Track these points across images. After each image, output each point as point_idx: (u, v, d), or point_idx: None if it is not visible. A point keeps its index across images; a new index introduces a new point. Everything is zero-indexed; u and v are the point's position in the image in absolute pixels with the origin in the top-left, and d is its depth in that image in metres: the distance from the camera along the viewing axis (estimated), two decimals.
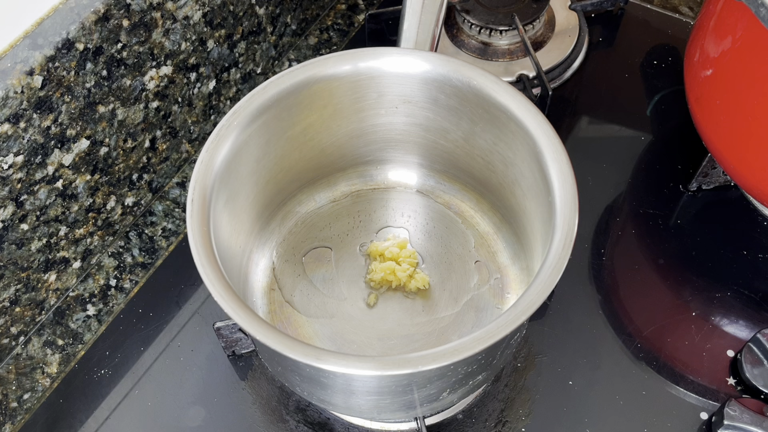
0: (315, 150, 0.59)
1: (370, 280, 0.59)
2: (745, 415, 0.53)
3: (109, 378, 0.59)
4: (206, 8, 0.62)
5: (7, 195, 0.53)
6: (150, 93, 0.61)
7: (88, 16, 0.53)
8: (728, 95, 0.56)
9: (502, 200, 0.59)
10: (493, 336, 0.42)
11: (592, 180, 0.68)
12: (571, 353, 0.59)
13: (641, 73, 0.75)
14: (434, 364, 0.41)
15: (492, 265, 0.60)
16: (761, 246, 0.64)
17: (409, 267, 0.59)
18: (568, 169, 0.48)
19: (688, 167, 0.68)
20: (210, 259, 0.46)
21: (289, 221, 0.62)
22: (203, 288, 0.63)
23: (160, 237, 0.67)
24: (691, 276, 0.63)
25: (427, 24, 0.56)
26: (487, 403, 0.57)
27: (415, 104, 0.57)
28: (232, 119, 0.51)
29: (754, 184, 0.58)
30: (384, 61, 0.54)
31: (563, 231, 0.46)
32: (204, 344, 0.60)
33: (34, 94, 0.52)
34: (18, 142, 0.52)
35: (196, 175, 0.49)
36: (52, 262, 0.60)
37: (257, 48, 0.72)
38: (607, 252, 0.64)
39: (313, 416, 0.57)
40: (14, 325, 0.60)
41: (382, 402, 0.49)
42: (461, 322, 0.58)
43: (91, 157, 0.59)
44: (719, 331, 0.60)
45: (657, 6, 0.80)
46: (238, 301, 0.44)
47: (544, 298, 0.43)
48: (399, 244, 0.60)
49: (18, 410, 0.58)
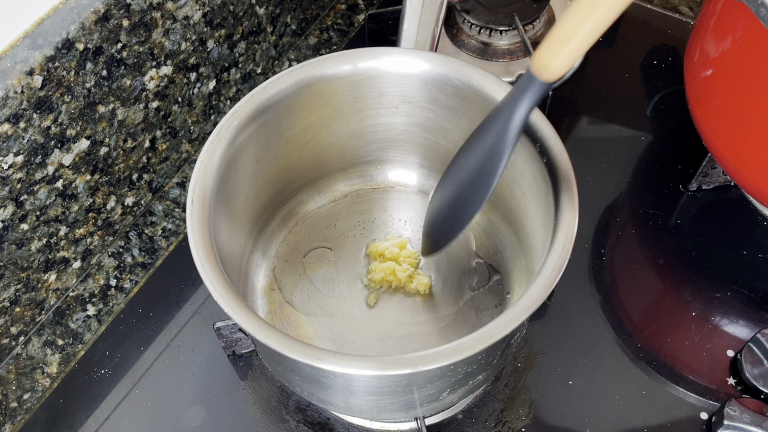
0: (315, 150, 0.59)
1: (371, 281, 0.59)
2: (745, 415, 0.53)
3: (109, 378, 0.59)
4: (206, 8, 0.62)
5: (7, 195, 0.53)
6: (150, 93, 0.61)
7: (88, 16, 0.53)
8: (728, 95, 0.56)
9: (502, 200, 0.59)
10: (493, 336, 0.42)
11: (592, 180, 0.68)
12: (571, 353, 0.59)
13: (641, 73, 0.75)
14: (434, 364, 0.41)
15: (492, 265, 0.60)
16: (761, 246, 0.64)
17: (410, 267, 0.59)
18: (568, 169, 0.48)
19: (688, 167, 0.68)
20: (210, 259, 0.46)
21: (289, 221, 0.62)
22: (203, 288, 0.63)
23: (160, 237, 0.67)
24: (691, 276, 0.63)
25: (427, 24, 0.56)
26: (487, 403, 0.57)
27: (415, 104, 0.57)
28: (232, 119, 0.51)
29: (754, 184, 0.58)
30: (384, 61, 0.54)
31: (563, 231, 0.46)
32: (204, 344, 0.60)
33: (34, 94, 0.52)
34: (18, 142, 0.52)
35: (196, 175, 0.49)
36: (52, 262, 0.60)
37: (257, 48, 0.72)
38: (607, 252, 0.64)
39: (313, 416, 0.57)
40: (14, 325, 0.60)
41: (382, 402, 0.49)
42: (461, 322, 0.58)
43: (91, 157, 0.59)
44: (719, 331, 0.60)
45: (657, 6, 0.80)
46: (238, 301, 0.44)
47: (544, 298, 0.43)
48: (399, 244, 0.60)
49: (18, 410, 0.58)
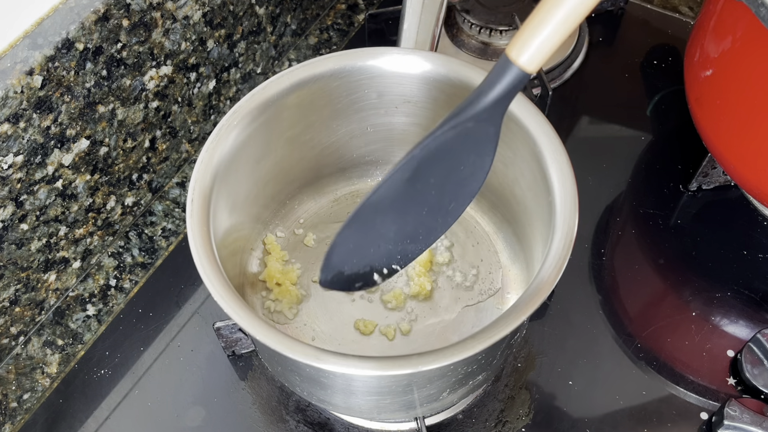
0: (315, 150, 0.59)
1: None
2: (745, 415, 0.53)
3: (109, 378, 0.59)
4: (206, 8, 0.62)
5: (7, 195, 0.53)
6: (150, 93, 0.61)
7: (88, 16, 0.53)
8: (728, 95, 0.56)
9: (502, 200, 0.59)
10: (493, 336, 0.42)
11: (592, 180, 0.68)
12: (571, 353, 0.59)
13: (641, 73, 0.75)
14: (434, 364, 0.41)
15: (492, 265, 0.60)
16: (761, 246, 0.64)
17: (422, 268, 0.59)
18: (568, 169, 0.48)
19: (688, 167, 0.68)
20: (210, 259, 0.46)
21: (289, 221, 0.62)
22: (203, 288, 0.63)
23: (160, 237, 0.66)
24: (691, 276, 0.63)
25: (427, 24, 0.56)
26: (487, 403, 0.57)
27: (415, 104, 0.57)
28: (232, 119, 0.51)
29: (754, 184, 0.58)
30: (384, 61, 0.54)
31: (563, 231, 0.46)
32: (204, 344, 0.60)
33: (34, 94, 0.52)
34: (18, 142, 0.52)
35: (196, 175, 0.49)
36: (52, 262, 0.60)
37: (257, 48, 0.72)
38: (607, 252, 0.64)
39: (313, 416, 0.57)
40: (14, 325, 0.60)
41: (382, 402, 0.49)
42: (461, 322, 0.58)
43: (91, 157, 0.59)
44: (719, 331, 0.60)
45: (657, 6, 0.80)
46: (238, 301, 0.44)
47: (544, 298, 0.43)
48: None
49: (18, 410, 0.58)
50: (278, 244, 0.60)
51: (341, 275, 0.45)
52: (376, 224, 0.43)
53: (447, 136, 0.41)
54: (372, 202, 0.42)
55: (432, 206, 0.43)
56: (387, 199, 0.42)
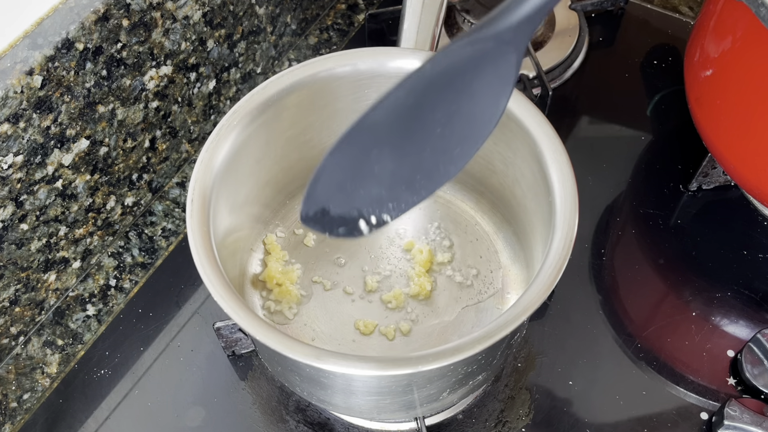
0: (315, 150, 0.59)
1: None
2: (745, 415, 0.53)
3: (109, 378, 0.59)
4: (206, 8, 0.62)
5: (6, 195, 0.53)
6: (150, 93, 0.61)
7: (88, 16, 0.53)
8: (728, 95, 0.56)
9: (502, 200, 0.59)
10: (493, 336, 0.42)
11: (592, 180, 0.68)
12: (571, 353, 0.59)
13: (641, 73, 0.75)
14: (434, 364, 0.41)
15: (492, 265, 0.60)
16: (761, 246, 0.64)
17: (420, 268, 0.59)
18: (568, 169, 0.48)
19: (688, 167, 0.68)
20: (210, 259, 0.46)
21: (289, 221, 0.62)
22: (203, 288, 0.63)
23: (159, 237, 0.66)
24: (691, 276, 0.63)
25: (427, 24, 0.56)
26: (487, 403, 0.57)
27: None
28: (232, 119, 0.51)
29: (755, 184, 0.58)
30: (384, 61, 0.54)
31: (563, 231, 0.46)
32: (204, 344, 0.60)
33: (34, 94, 0.52)
34: (18, 142, 0.52)
35: (196, 175, 0.49)
36: (52, 262, 0.60)
37: (257, 48, 0.71)
38: (607, 252, 0.64)
39: (313, 416, 0.57)
40: (14, 325, 0.60)
41: (382, 402, 0.49)
42: (461, 322, 0.58)
43: (91, 157, 0.59)
44: (719, 331, 0.60)
45: (657, 6, 0.80)
46: (238, 301, 0.44)
47: (544, 298, 0.43)
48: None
49: (18, 410, 0.58)
50: (278, 244, 0.60)
51: (325, 213, 0.40)
52: (370, 157, 0.38)
53: (462, 53, 0.35)
54: (368, 124, 0.37)
55: (435, 146, 0.38)
56: (384, 125, 0.37)
